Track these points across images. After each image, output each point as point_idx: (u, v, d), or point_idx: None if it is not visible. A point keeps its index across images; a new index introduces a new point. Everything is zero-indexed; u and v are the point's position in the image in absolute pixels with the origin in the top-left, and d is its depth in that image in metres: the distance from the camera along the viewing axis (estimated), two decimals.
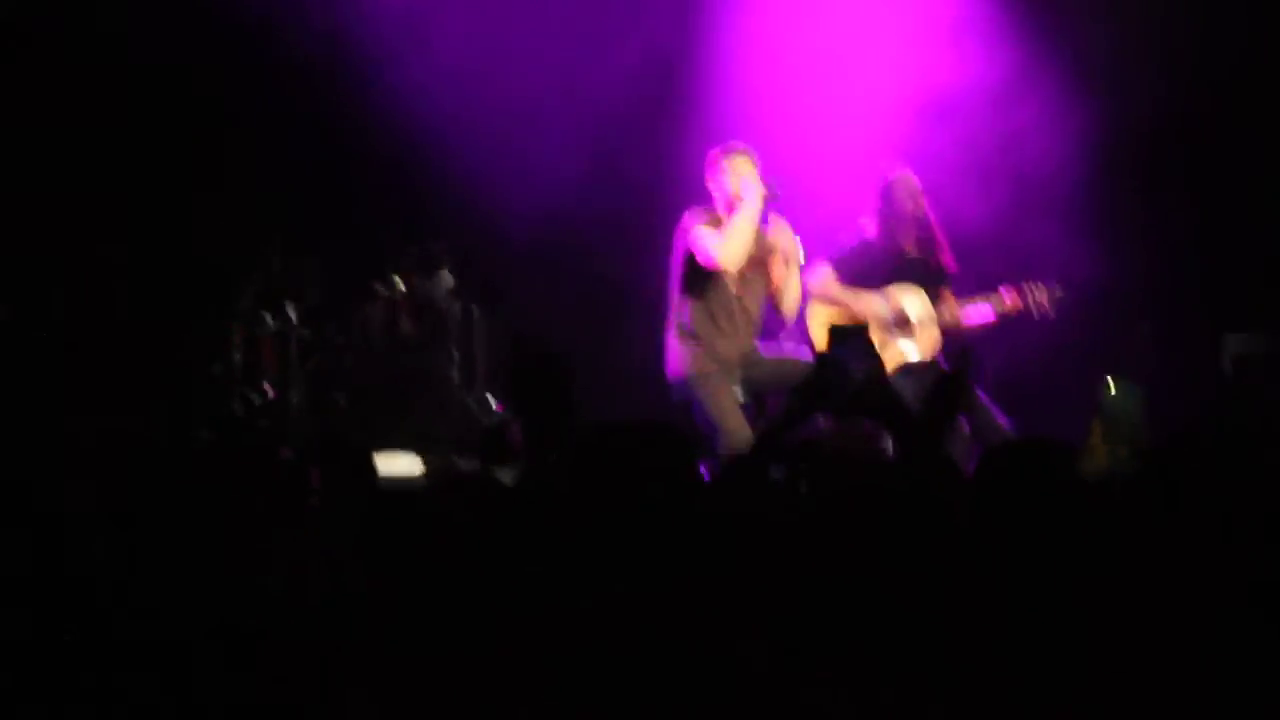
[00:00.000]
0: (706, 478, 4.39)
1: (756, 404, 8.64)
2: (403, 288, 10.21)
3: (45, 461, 5.40)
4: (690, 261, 8.56)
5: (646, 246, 9.84)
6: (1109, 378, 9.00)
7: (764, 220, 8.54)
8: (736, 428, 8.28)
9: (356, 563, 4.01)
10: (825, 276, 9.03)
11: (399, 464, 9.04)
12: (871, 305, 8.95)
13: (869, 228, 9.11)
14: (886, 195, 9.06)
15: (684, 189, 9.56)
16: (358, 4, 10.58)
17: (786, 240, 8.68)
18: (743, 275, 8.62)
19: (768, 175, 8.58)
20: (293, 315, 10.09)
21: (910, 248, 9.09)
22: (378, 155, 10.73)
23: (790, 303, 8.74)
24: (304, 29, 10.49)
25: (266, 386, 9.99)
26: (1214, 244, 10.41)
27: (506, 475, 7.32)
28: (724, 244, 8.42)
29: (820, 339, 8.58)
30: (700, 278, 8.57)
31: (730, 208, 8.53)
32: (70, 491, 4.58)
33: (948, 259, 9.15)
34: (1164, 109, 10.33)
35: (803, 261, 8.69)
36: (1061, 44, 10.61)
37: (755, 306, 8.74)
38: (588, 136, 10.79)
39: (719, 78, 10.91)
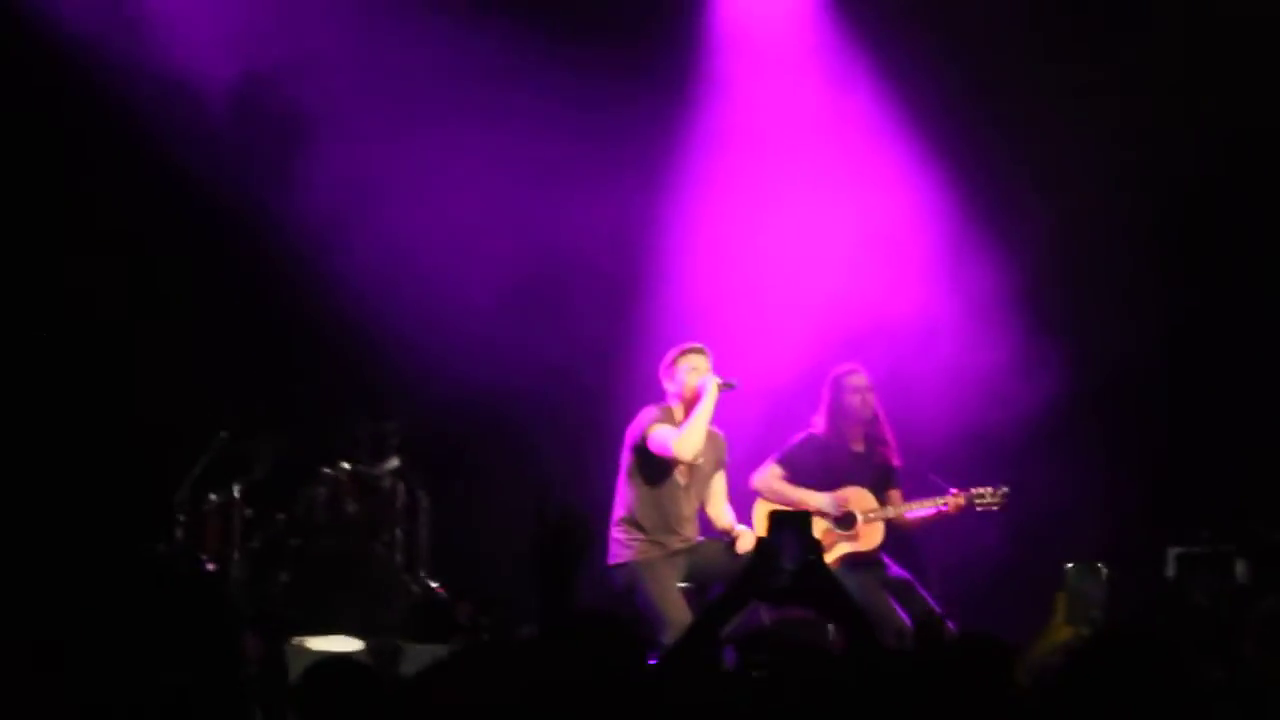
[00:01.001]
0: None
1: (699, 592, 8.65)
2: (348, 468, 10.18)
3: None
4: (641, 453, 8.64)
5: (587, 428, 9.94)
6: (1071, 562, 9.07)
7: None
8: (680, 616, 8.27)
9: None
10: (771, 473, 9.09)
11: (338, 647, 8.98)
12: (816, 502, 8.97)
13: (818, 423, 9.18)
14: (835, 390, 9.14)
15: (631, 378, 9.69)
16: (304, 188, 10.64)
17: (723, 450, 8.83)
18: (691, 469, 8.70)
19: (722, 368, 8.70)
20: (237, 492, 10.04)
21: (857, 443, 9.15)
22: (326, 335, 10.75)
23: (719, 508, 8.85)
24: (253, 212, 10.56)
25: (207, 561, 9.93)
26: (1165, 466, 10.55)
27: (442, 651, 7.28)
28: (683, 435, 8.53)
29: (761, 526, 8.62)
30: (650, 469, 8.66)
31: (688, 404, 8.64)
32: None
33: (893, 455, 9.20)
34: (1123, 356, 10.54)
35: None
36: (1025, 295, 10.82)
37: (699, 500, 8.82)
38: (538, 318, 10.88)
39: (666, 265, 11.03)
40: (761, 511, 9.02)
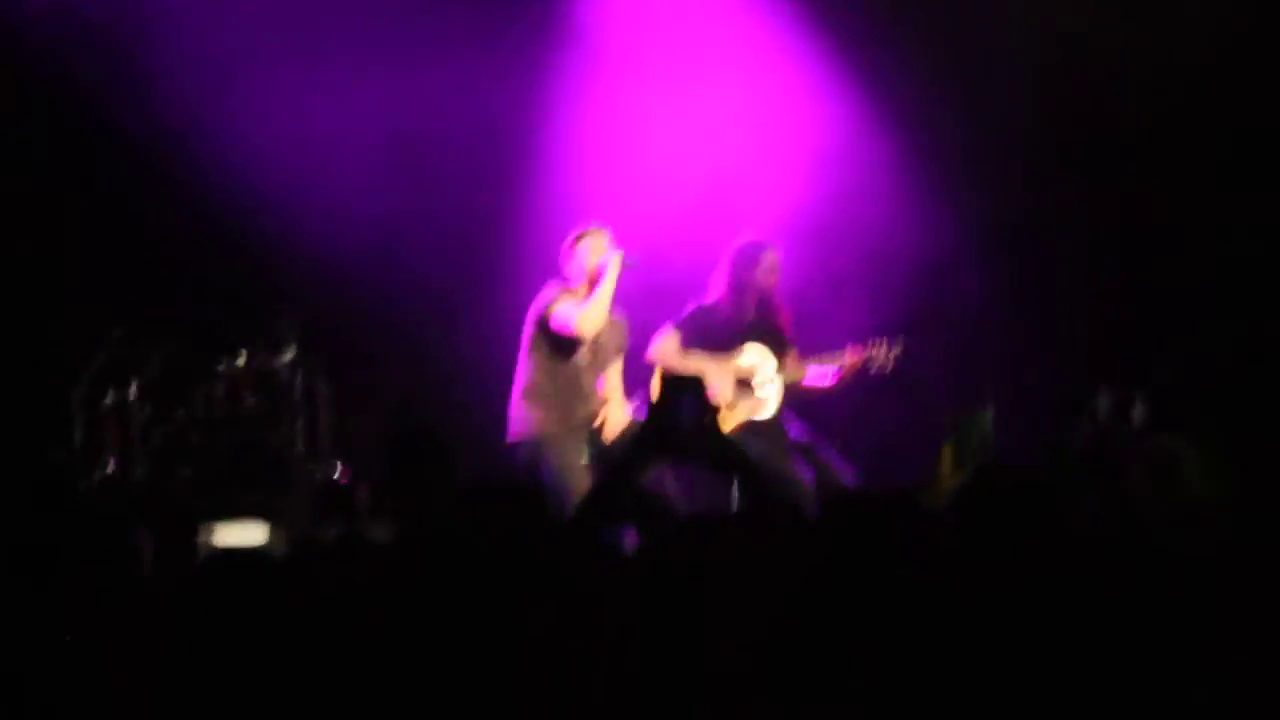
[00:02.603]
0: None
1: (601, 468, 8.67)
2: (244, 362, 10.14)
3: None
4: (544, 329, 8.62)
5: (483, 309, 9.91)
6: (959, 407, 9.14)
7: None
8: (583, 489, 8.28)
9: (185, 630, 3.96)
10: (667, 343, 9.06)
11: (246, 534, 8.98)
12: (714, 369, 8.98)
13: (715, 290, 9.16)
14: (745, 263, 9.10)
15: (526, 257, 9.69)
16: (175, 81, 10.51)
17: (624, 334, 8.84)
18: (594, 345, 8.69)
19: (623, 247, 8.70)
20: (134, 391, 9.98)
21: (750, 312, 9.14)
22: (214, 229, 10.65)
23: (613, 388, 8.90)
24: (133, 105, 10.44)
25: (109, 462, 9.88)
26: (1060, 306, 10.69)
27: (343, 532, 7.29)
28: (586, 311, 8.52)
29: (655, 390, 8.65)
30: (553, 345, 8.65)
31: (589, 284, 8.64)
32: None
33: (787, 323, 9.21)
34: (1021, 213, 10.65)
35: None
36: (928, 136, 10.85)
37: (599, 376, 8.83)
38: (430, 201, 10.83)
39: (556, 143, 10.99)
40: (659, 380, 9.03)
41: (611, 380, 8.91)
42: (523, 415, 8.68)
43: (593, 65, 11.05)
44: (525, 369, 8.74)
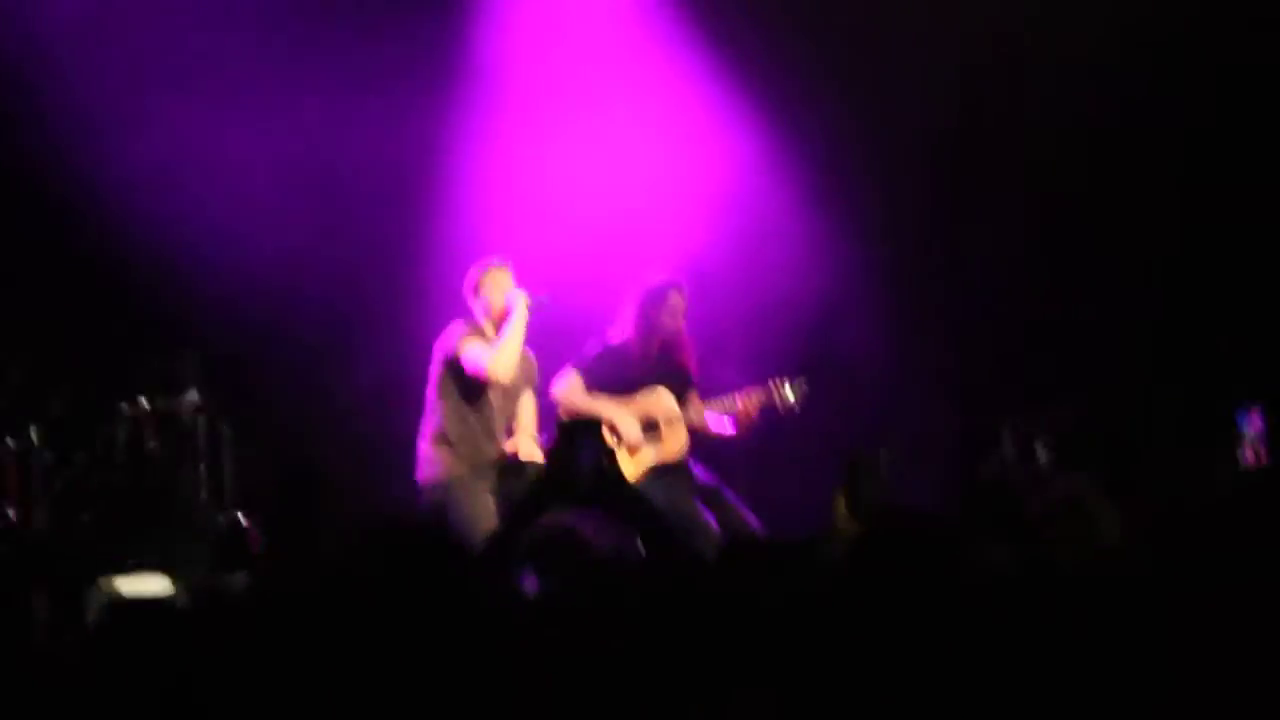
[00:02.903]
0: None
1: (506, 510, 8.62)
2: (147, 405, 10.02)
3: None
4: (453, 370, 8.57)
5: (386, 349, 9.85)
6: (854, 451, 9.12)
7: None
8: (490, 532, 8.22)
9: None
10: (571, 384, 9.00)
11: (149, 585, 8.85)
12: (617, 412, 8.92)
13: (620, 331, 9.11)
14: (652, 305, 9.03)
15: (430, 293, 9.62)
16: (69, 120, 10.37)
17: (533, 371, 8.78)
18: (504, 385, 8.63)
19: (531, 285, 8.64)
20: (34, 436, 9.84)
21: (657, 354, 9.08)
22: (112, 270, 10.52)
23: (526, 421, 8.84)
24: (25, 136, 10.32)
25: (9, 510, 9.73)
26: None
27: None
28: (496, 356, 8.47)
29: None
30: (462, 385, 8.61)
31: (496, 321, 8.58)
32: None
33: (691, 362, 9.17)
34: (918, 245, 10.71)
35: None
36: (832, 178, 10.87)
37: (506, 417, 8.77)
38: (326, 237, 10.73)
39: (460, 180, 10.93)
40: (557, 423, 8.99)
41: (524, 413, 8.86)
42: (431, 458, 8.62)
43: (498, 102, 11.01)
44: (434, 411, 8.67)
